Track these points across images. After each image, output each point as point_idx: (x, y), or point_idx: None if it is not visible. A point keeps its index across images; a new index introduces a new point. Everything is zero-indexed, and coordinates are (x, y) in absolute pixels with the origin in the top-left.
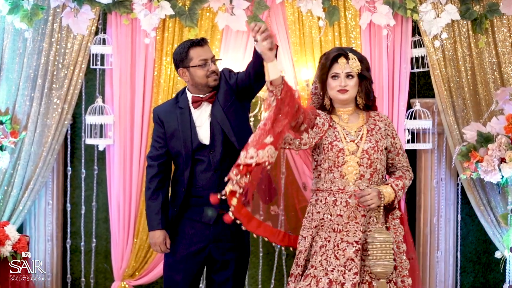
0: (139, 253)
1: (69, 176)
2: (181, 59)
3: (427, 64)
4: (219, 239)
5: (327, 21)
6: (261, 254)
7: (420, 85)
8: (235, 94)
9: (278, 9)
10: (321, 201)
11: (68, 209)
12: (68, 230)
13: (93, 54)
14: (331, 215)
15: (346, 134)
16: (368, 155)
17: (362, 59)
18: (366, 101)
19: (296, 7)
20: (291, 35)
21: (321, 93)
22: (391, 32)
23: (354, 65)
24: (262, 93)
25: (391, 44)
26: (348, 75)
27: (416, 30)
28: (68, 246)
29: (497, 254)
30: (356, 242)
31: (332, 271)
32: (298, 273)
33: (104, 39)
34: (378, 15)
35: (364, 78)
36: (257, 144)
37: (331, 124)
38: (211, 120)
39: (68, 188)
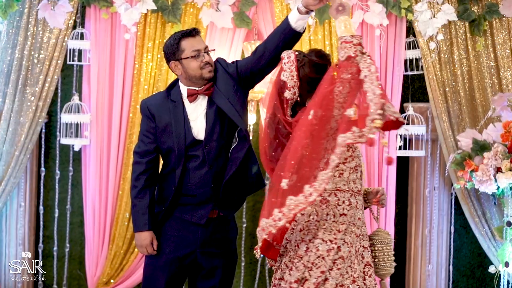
0: (115, 260)
1: (42, 177)
2: (172, 52)
3: (422, 66)
4: (207, 245)
5: (317, 20)
6: (243, 264)
7: (415, 89)
8: (237, 82)
9: (266, 5)
10: (343, 202)
11: (41, 211)
12: (41, 234)
13: (70, 49)
14: (354, 218)
15: None
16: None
17: None
18: None
19: (285, 4)
20: None
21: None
22: (384, 32)
23: None
24: None
25: (384, 44)
26: None
27: (410, 30)
28: (40, 250)
29: (491, 269)
30: (369, 246)
31: (357, 277)
32: (322, 280)
33: (82, 34)
34: (370, 14)
35: None
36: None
37: None
38: (207, 113)
39: (41, 190)
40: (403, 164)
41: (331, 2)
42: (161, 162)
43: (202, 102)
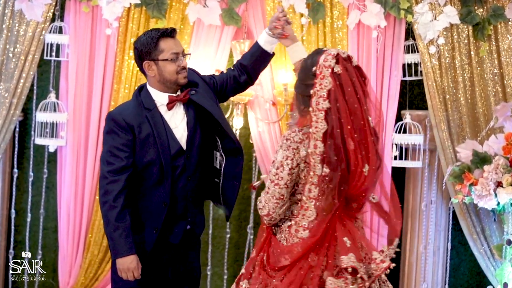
0: (89, 269)
1: (15, 179)
2: (148, 50)
3: (421, 72)
4: (178, 262)
5: (311, 19)
6: (225, 277)
7: (414, 95)
8: (214, 93)
9: (256, 2)
10: None
11: (13, 215)
12: (12, 239)
13: (47, 44)
14: None
15: None
16: None
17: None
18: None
19: (277, 1)
20: None
21: None
22: (381, 34)
23: None
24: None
25: (381, 47)
26: None
27: (410, 33)
28: (10, 257)
29: None
30: None
31: None
32: None
33: (60, 28)
34: (368, 14)
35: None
36: None
37: None
38: (188, 120)
39: (14, 192)
40: (399, 176)
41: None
42: None
43: (179, 110)
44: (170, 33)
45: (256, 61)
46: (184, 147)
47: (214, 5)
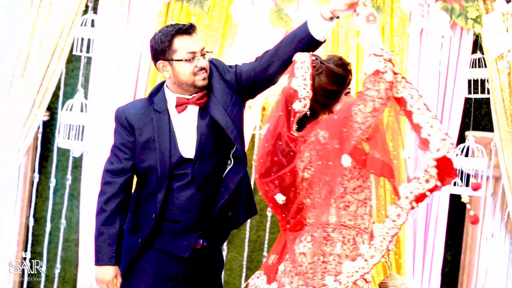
0: None
1: (35, 184)
2: (162, 49)
3: (488, 89)
4: (190, 280)
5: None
6: None
7: (481, 115)
8: (236, 92)
9: (309, 5)
10: (349, 241)
11: (31, 224)
12: (29, 250)
13: (78, 38)
14: None
15: None
16: None
17: None
18: None
19: None
20: None
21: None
22: (446, 45)
23: None
24: None
25: (445, 59)
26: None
27: (477, 46)
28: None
29: None
30: None
31: None
32: None
33: (93, 21)
34: (431, 22)
35: None
36: None
37: None
38: (199, 125)
39: (34, 199)
40: (458, 205)
41: (359, 9)
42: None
43: (192, 113)
44: (186, 29)
45: (302, 49)
46: (192, 155)
47: (261, 4)
